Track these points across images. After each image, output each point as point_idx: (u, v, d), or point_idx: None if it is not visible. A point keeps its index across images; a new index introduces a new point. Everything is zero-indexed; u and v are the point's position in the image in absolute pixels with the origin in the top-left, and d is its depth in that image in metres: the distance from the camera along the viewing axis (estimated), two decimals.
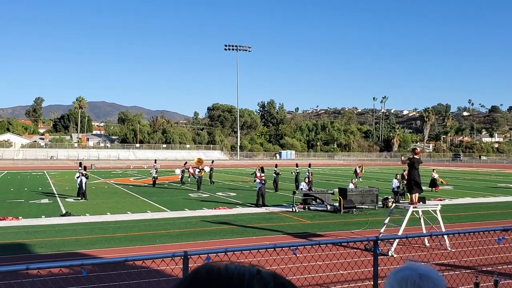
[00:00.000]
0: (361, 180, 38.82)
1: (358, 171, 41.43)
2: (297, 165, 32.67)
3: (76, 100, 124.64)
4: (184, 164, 36.65)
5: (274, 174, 29.99)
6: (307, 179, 25.13)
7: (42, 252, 12.54)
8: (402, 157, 14.21)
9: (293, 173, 32.10)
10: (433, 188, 30.78)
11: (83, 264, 5.16)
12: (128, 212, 20.29)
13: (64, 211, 20.18)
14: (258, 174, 23.54)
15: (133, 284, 8.31)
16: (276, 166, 30.92)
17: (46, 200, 24.78)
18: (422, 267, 1.56)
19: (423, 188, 14.78)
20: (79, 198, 24.75)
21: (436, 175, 32.04)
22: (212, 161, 40.18)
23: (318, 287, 9.01)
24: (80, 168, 25.55)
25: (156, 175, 33.94)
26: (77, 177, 25.33)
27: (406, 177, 23.89)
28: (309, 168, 28.07)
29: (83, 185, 24.93)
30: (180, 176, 35.62)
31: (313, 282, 9.26)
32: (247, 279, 0.66)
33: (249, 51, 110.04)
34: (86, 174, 25.46)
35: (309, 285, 9.14)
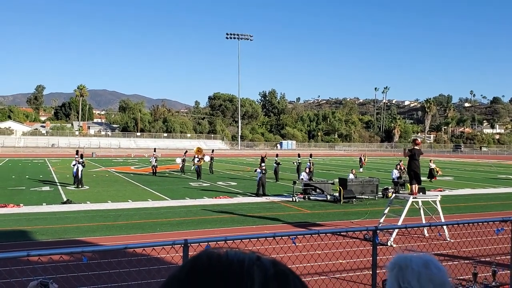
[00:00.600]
0: (361, 170, 38.80)
1: (363, 160, 41.44)
2: (299, 155, 32.75)
3: (77, 88, 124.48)
4: (185, 153, 36.73)
5: (274, 164, 30.07)
6: (307, 169, 25.17)
7: (43, 239, 12.61)
8: (404, 149, 14.19)
9: (295, 163, 32.20)
10: (431, 179, 30.82)
11: (83, 251, 5.20)
12: (129, 201, 20.36)
13: (65, 199, 20.26)
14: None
15: (134, 272, 8.36)
16: (277, 156, 30.98)
17: (47, 188, 24.87)
18: (418, 253, 1.60)
19: (422, 179, 14.79)
20: (77, 186, 24.84)
21: (433, 165, 32.08)
22: (212, 150, 40.20)
23: (317, 276, 9.06)
24: (76, 156, 25.64)
25: (155, 164, 34.01)
26: (74, 165, 25.43)
27: (402, 168, 24.09)
28: (310, 159, 28.13)
29: (79, 173, 25.03)
30: (180, 165, 35.69)
31: (312, 271, 9.31)
32: (247, 265, 0.66)
33: (250, 40, 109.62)
34: (82, 162, 25.53)
35: (308, 273, 9.20)
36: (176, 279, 0.68)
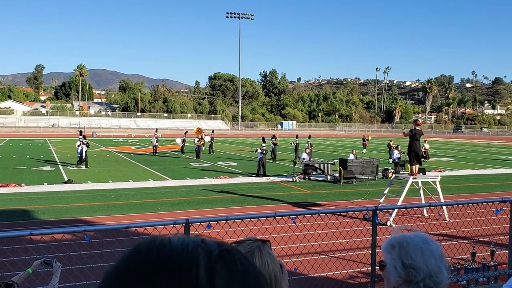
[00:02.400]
0: (364, 151, 38.69)
1: (366, 140, 41.16)
2: (297, 136, 32.68)
3: (77, 68, 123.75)
4: (185, 134, 36.79)
5: (272, 145, 30.09)
6: (307, 149, 25.16)
7: (45, 218, 12.70)
8: (404, 131, 14.18)
9: (293, 144, 32.15)
10: (424, 159, 30.81)
11: (85, 230, 5.23)
12: (130, 180, 20.43)
13: (66, 179, 20.34)
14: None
15: None
16: (273, 137, 30.91)
17: (48, 168, 24.94)
18: (419, 232, 1.66)
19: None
20: (81, 166, 24.95)
21: (427, 146, 32.16)
22: (212, 131, 40.18)
23: (317, 255, 9.15)
24: (80, 136, 25.73)
25: (156, 144, 34.07)
26: (78, 146, 25.55)
27: (392, 147, 24.01)
28: (309, 140, 28.03)
29: (84, 153, 25.14)
30: (180, 145, 35.74)
31: (312, 250, 9.40)
32: (191, 249, 0.63)
33: (251, 19, 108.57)
34: (86, 143, 25.65)
35: (308, 253, 9.29)
36: (114, 275, 0.62)
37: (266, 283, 0.69)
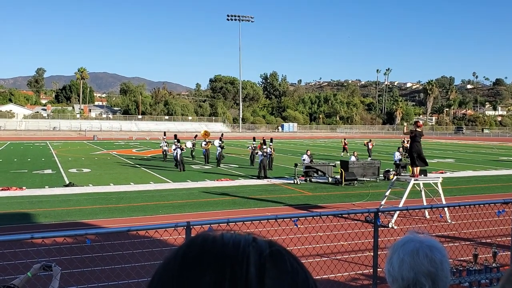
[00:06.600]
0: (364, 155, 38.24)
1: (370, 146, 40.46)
2: (254, 139, 31.58)
3: (78, 71, 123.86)
4: (195, 137, 36.17)
5: (218, 148, 29.54)
6: (308, 151, 25.01)
7: (46, 221, 12.70)
8: (405, 128, 14.17)
9: (250, 148, 30.78)
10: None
11: (87, 234, 5.22)
12: (131, 183, 20.43)
13: (67, 182, 20.34)
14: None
15: (137, 253, 8.43)
16: (221, 137, 30.32)
17: (49, 171, 24.94)
18: (426, 238, 1.57)
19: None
20: (178, 168, 25.48)
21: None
22: (222, 134, 39.16)
23: (319, 258, 9.13)
24: (175, 140, 26.34)
25: (166, 148, 33.42)
26: (174, 150, 26.19)
27: (404, 148, 23.81)
28: (271, 144, 27.41)
29: (179, 156, 25.50)
30: (190, 150, 34.60)
31: (314, 252, 9.38)
32: (243, 246, 0.65)
33: (251, 21, 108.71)
34: (181, 146, 25.96)
35: (310, 255, 9.26)
36: (171, 265, 0.67)
37: (315, 286, 0.69)
